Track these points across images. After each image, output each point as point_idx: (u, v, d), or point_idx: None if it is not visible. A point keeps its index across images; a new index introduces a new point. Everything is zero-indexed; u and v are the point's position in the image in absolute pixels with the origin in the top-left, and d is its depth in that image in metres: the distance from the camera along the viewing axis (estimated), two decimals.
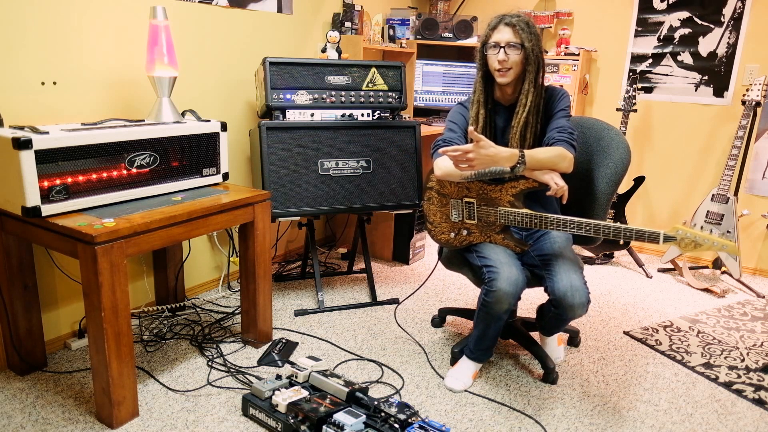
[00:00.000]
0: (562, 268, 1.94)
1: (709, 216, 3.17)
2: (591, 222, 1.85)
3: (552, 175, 1.90)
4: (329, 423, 1.73)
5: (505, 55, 1.95)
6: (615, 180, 2.11)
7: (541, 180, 1.91)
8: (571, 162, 1.93)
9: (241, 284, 2.32)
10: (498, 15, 2.00)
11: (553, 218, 1.91)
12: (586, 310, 1.92)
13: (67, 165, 1.80)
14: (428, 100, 3.84)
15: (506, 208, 1.98)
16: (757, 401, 2.11)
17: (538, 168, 1.91)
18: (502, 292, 1.91)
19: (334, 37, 3.02)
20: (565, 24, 3.76)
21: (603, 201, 2.13)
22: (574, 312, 1.92)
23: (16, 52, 2.00)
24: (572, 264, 1.96)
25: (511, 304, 1.94)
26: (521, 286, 1.94)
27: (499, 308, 1.95)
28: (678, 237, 1.71)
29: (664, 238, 1.73)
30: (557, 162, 1.90)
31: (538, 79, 2.00)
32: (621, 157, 2.11)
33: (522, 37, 1.94)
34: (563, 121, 1.99)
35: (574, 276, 1.91)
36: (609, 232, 1.82)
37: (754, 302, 3.03)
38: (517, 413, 1.99)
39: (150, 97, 2.46)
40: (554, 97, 2.05)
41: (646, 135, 3.64)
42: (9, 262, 1.97)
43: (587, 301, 1.91)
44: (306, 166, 2.60)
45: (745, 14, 3.24)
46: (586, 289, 1.91)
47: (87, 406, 1.93)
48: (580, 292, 1.89)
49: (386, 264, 3.40)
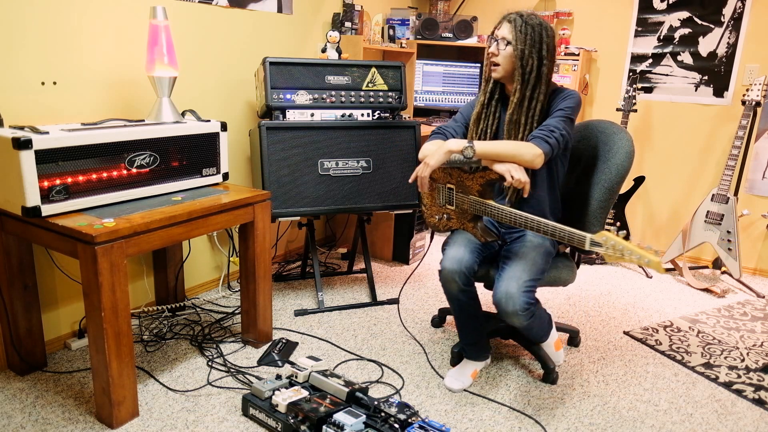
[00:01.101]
0: (507, 274, 1.92)
1: (709, 216, 3.17)
2: (528, 217, 1.84)
3: (509, 167, 1.86)
4: (329, 423, 1.73)
5: (497, 48, 1.97)
6: (610, 186, 2.05)
7: (497, 170, 1.88)
8: (536, 157, 1.87)
9: (241, 284, 2.32)
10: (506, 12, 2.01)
11: (497, 209, 1.91)
12: (524, 320, 1.87)
13: (67, 165, 1.80)
14: (428, 100, 3.84)
15: (474, 197, 2.00)
16: (757, 401, 2.11)
17: (493, 157, 1.90)
18: (447, 271, 1.98)
19: (334, 37, 3.02)
20: (565, 24, 3.76)
21: (596, 207, 2.08)
22: (510, 320, 1.88)
23: (16, 52, 2.00)
24: (522, 270, 1.91)
25: (459, 283, 1.98)
26: (466, 264, 1.97)
27: (449, 288, 2.01)
28: (604, 244, 1.63)
29: (591, 242, 1.66)
30: (516, 154, 1.87)
31: (530, 80, 1.96)
32: (618, 163, 2.05)
33: (515, 35, 1.94)
34: (553, 120, 1.95)
35: (514, 284, 1.87)
36: (540, 230, 1.80)
37: (754, 302, 3.03)
38: (517, 413, 1.99)
39: (150, 97, 2.46)
40: (558, 97, 2.02)
41: (646, 135, 3.64)
42: (9, 262, 1.97)
43: (522, 310, 1.84)
44: (306, 166, 2.60)
45: (745, 14, 3.24)
46: (524, 299, 1.85)
47: (87, 406, 1.93)
48: (513, 300, 1.85)
49: (386, 264, 3.40)
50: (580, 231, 1.70)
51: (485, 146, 1.89)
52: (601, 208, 2.08)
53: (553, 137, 1.91)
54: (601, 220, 2.09)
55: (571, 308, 2.87)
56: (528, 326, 1.95)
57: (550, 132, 1.91)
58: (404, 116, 2.95)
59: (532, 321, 1.93)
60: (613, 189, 2.06)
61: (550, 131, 1.92)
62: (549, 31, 1.97)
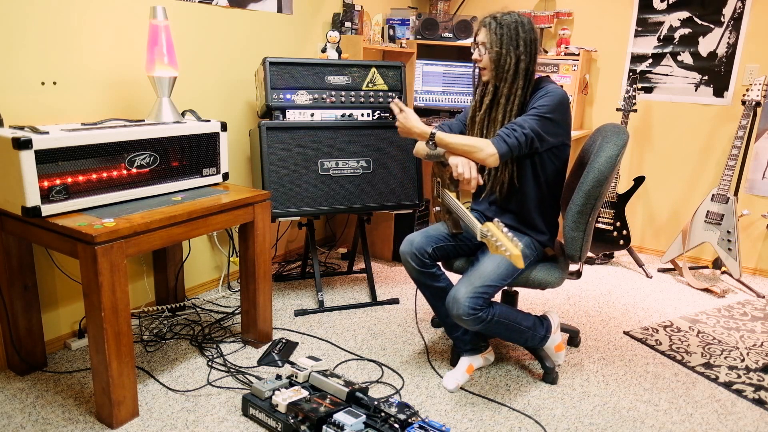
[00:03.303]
0: (465, 277, 1.98)
1: (709, 216, 3.17)
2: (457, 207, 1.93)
3: (458, 161, 1.91)
4: (329, 423, 1.73)
5: (479, 54, 2.00)
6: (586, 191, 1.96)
7: (449, 162, 1.95)
8: (489, 156, 1.88)
9: (241, 284, 2.32)
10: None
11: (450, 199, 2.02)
12: (470, 324, 1.91)
13: (67, 165, 1.80)
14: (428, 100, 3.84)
15: (445, 190, 2.10)
16: (757, 401, 2.11)
17: (451, 151, 1.97)
18: (401, 252, 2.12)
19: (334, 37, 3.02)
20: (565, 24, 3.76)
21: (573, 211, 2.00)
22: (457, 322, 1.96)
23: (16, 52, 2.00)
24: (476, 277, 1.94)
25: (411, 264, 2.08)
26: (417, 246, 2.07)
27: (407, 269, 2.12)
28: (485, 234, 1.65)
29: (481, 233, 1.67)
30: (470, 151, 1.92)
31: (508, 77, 1.96)
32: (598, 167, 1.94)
33: (490, 38, 1.95)
34: (521, 118, 1.93)
35: (462, 289, 1.91)
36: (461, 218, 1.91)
37: (754, 302, 3.03)
38: (517, 413, 1.99)
39: (150, 97, 2.46)
40: (537, 94, 1.98)
41: (646, 135, 3.64)
42: (9, 262, 1.97)
43: (466, 315, 1.88)
44: (306, 166, 2.60)
45: (745, 14, 3.24)
46: (469, 304, 1.87)
47: (87, 406, 1.93)
48: (458, 305, 1.89)
49: (386, 264, 3.40)
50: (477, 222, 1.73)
51: (443, 138, 1.97)
52: (579, 212, 1.99)
53: (514, 136, 1.89)
54: (579, 224, 2.00)
55: (571, 308, 2.87)
56: (485, 330, 1.97)
57: (512, 131, 1.90)
58: None
59: (486, 326, 1.94)
60: (590, 194, 1.95)
61: (513, 130, 1.90)
62: (525, 26, 1.96)
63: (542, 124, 1.91)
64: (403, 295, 2.95)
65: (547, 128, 1.93)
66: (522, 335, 2.09)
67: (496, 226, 1.64)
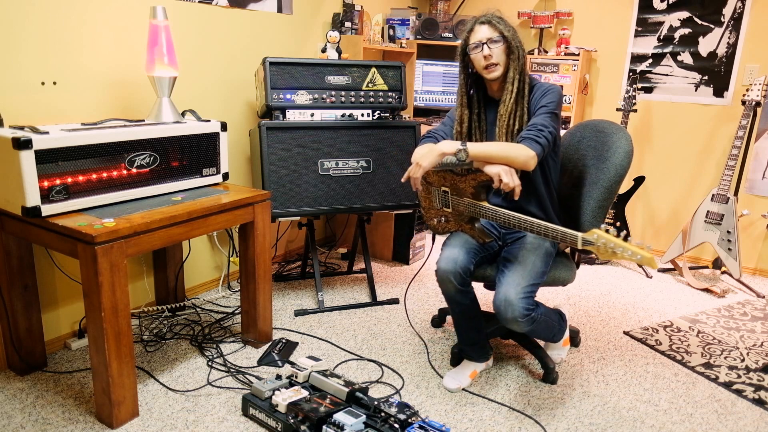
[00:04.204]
0: (507, 279, 1.91)
1: (709, 216, 3.17)
2: (520, 217, 1.83)
3: (499, 170, 1.84)
4: (329, 423, 1.73)
5: (489, 50, 1.97)
6: (608, 186, 2.04)
7: (488, 173, 1.87)
8: (529, 159, 1.85)
9: (241, 284, 2.32)
10: (471, 18, 2.04)
11: (492, 210, 1.90)
12: (524, 326, 1.87)
13: (67, 165, 1.80)
14: (428, 100, 3.84)
15: (468, 199, 1.99)
16: (757, 401, 2.11)
17: (485, 160, 1.88)
18: (441, 271, 1.99)
19: (334, 37, 3.02)
20: (565, 24, 3.76)
21: (594, 207, 2.07)
22: (510, 326, 1.88)
23: (16, 52, 2.00)
24: (521, 276, 1.91)
25: (455, 283, 1.98)
26: (461, 264, 1.97)
27: (445, 289, 2.02)
28: (595, 242, 1.62)
29: (583, 241, 1.65)
30: (510, 157, 1.85)
31: (521, 67, 1.99)
32: (617, 164, 2.04)
33: (500, 29, 1.97)
34: (539, 118, 1.94)
35: (512, 290, 1.86)
36: (534, 230, 1.79)
37: (754, 302, 3.03)
38: (517, 413, 1.99)
39: (150, 97, 2.46)
40: (538, 93, 2.00)
41: (646, 135, 3.64)
42: (9, 262, 1.97)
43: (521, 316, 1.84)
44: (306, 166, 2.60)
45: (745, 14, 3.24)
46: (523, 305, 1.84)
47: (87, 406, 1.93)
48: (512, 307, 1.84)
49: (386, 264, 3.40)
50: (572, 230, 1.69)
51: (478, 148, 1.88)
52: (600, 207, 2.08)
53: (543, 137, 1.89)
54: (600, 219, 2.09)
55: (571, 308, 2.86)
56: (530, 331, 1.94)
57: (538, 131, 1.90)
58: (404, 116, 2.95)
59: (535, 326, 1.92)
60: (612, 189, 2.05)
61: (539, 130, 1.90)
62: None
63: (555, 122, 1.95)
64: (402, 295, 2.95)
65: (558, 125, 1.98)
66: (552, 331, 2.10)
67: (605, 233, 1.60)
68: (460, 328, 2.15)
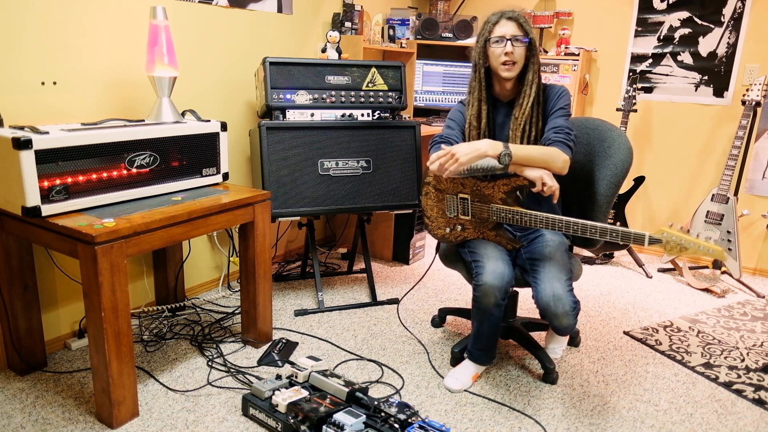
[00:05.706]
0: (547, 275, 1.90)
1: (709, 216, 3.17)
2: (579, 221, 1.83)
3: (542, 173, 1.86)
4: (329, 423, 1.73)
5: (512, 47, 1.96)
6: (615, 182, 2.09)
7: (530, 177, 1.87)
8: (565, 163, 1.89)
9: (241, 284, 2.32)
10: (496, 12, 2.02)
11: (543, 217, 1.89)
12: (572, 319, 1.86)
13: (67, 165, 1.80)
14: (428, 100, 3.84)
15: (498, 205, 1.98)
16: (757, 401, 2.11)
17: (526, 163, 1.89)
18: (488, 286, 1.91)
19: (334, 37, 3.02)
20: (565, 24, 3.76)
21: (603, 203, 2.12)
22: (559, 321, 1.87)
23: (16, 52, 2.00)
24: (558, 271, 1.91)
25: (498, 298, 1.93)
26: (507, 280, 1.94)
27: (487, 302, 1.95)
28: (663, 240, 1.66)
29: (650, 240, 1.69)
30: (549, 161, 1.88)
31: (536, 67, 2.01)
32: (622, 159, 2.09)
33: (526, 29, 1.98)
34: (561, 121, 1.97)
35: (558, 284, 1.86)
36: (596, 232, 1.79)
37: (754, 302, 3.03)
38: (517, 413, 1.99)
39: (150, 97, 2.46)
40: (552, 95, 2.03)
41: (646, 135, 3.64)
42: (9, 262, 1.97)
43: (571, 309, 1.84)
44: (306, 166, 2.60)
45: (745, 14, 3.24)
46: (571, 298, 1.85)
47: (87, 406, 1.93)
48: (563, 302, 1.84)
49: (386, 264, 3.40)
50: (636, 230, 1.73)
51: (521, 151, 1.87)
52: (607, 203, 2.11)
53: (571, 140, 1.93)
54: (606, 214, 2.13)
55: None
56: (574, 325, 1.91)
57: (566, 135, 1.93)
58: (404, 116, 2.95)
59: (577, 319, 1.92)
60: (618, 184, 2.10)
61: (566, 134, 1.93)
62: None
63: (571, 124, 1.98)
64: (402, 295, 2.95)
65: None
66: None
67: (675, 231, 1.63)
68: (481, 335, 2.10)
